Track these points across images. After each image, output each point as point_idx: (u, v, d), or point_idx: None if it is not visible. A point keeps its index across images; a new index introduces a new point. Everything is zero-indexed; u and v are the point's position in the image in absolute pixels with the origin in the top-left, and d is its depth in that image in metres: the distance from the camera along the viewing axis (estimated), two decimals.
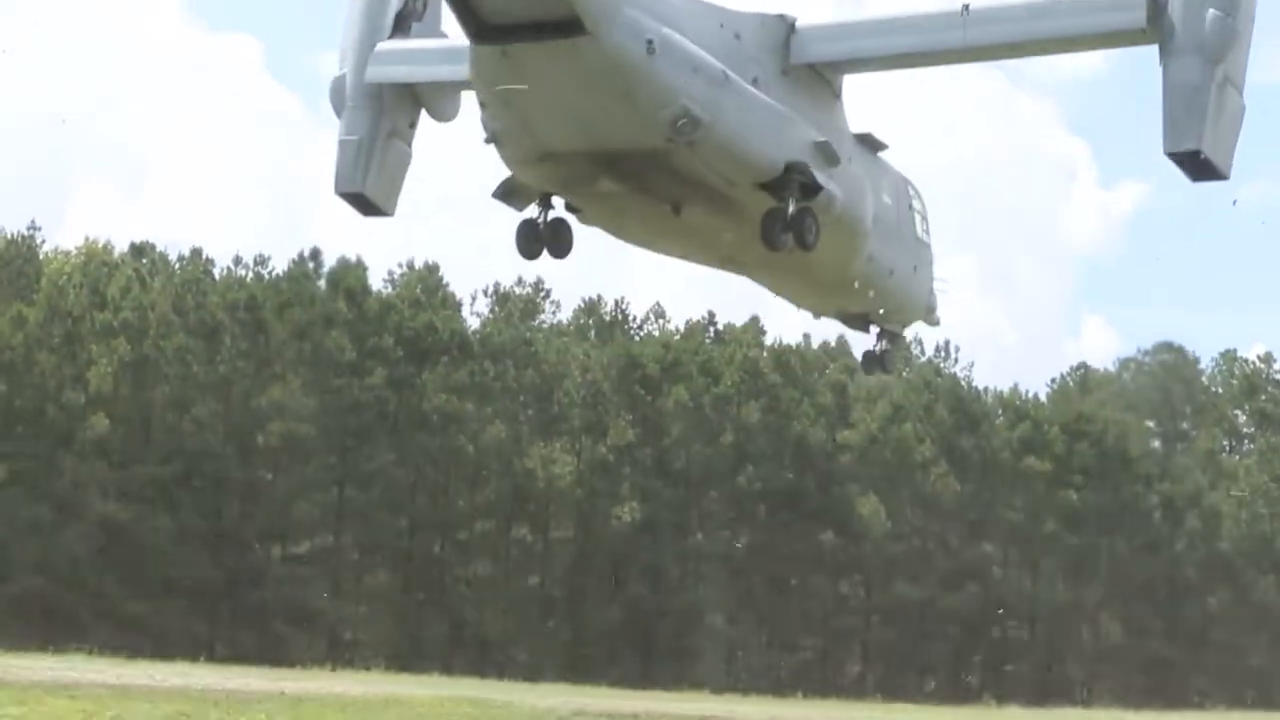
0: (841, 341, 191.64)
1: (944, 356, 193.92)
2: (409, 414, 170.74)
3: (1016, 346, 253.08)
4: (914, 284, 39.11)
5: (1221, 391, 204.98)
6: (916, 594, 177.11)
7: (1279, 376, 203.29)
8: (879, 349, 41.16)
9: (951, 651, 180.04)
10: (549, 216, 34.20)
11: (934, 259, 39.76)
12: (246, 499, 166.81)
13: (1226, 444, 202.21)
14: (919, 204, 38.77)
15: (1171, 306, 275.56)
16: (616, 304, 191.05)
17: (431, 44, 36.70)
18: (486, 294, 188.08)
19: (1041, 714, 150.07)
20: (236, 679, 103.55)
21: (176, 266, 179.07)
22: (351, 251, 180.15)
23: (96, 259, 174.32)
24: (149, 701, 79.29)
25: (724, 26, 32.17)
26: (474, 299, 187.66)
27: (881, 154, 37.08)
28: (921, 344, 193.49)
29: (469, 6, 29.88)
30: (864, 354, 41.28)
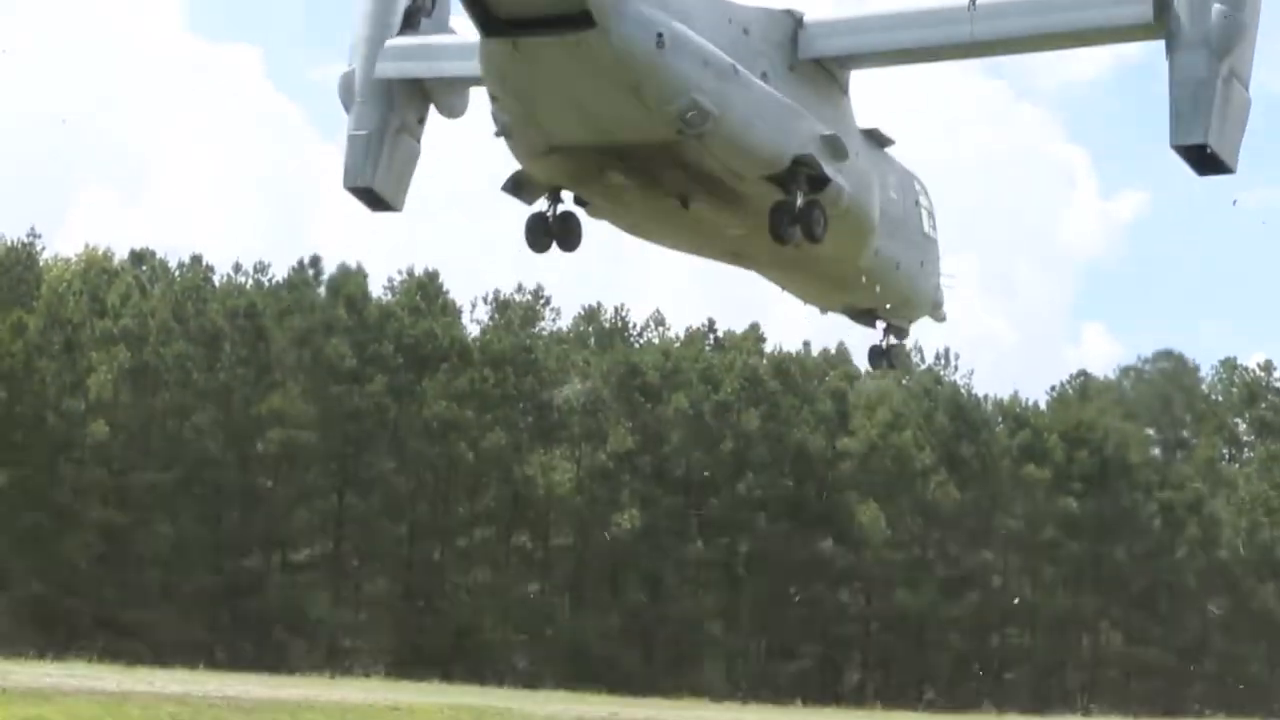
0: (841, 349, 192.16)
1: (944, 364, 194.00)
2: (409, 421, 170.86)
3: (1016, 354, 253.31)
4: (921, 279, 39.29)
5: (1221, 399, 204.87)
6: (916, 601, 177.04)
7: (1279, 384, 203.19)
8: (885, 344, 41.34)
9: (951, 659, 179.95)
10: (558, 210, 34.38)
11: (940, 255, 39.96)
12: (246, 506, 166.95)
13: (1226, 452, 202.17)
14: (925, 200, 38.94)
15: (1172, 314, 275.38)
16: (616, 311, 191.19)
17: (441, 39, 36.85)
18: (486, 301, 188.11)
19: None
20: (236, 686, 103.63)
21: (176, 274, 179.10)
22: (351, 258, 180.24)
23: (96, 266, 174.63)
24: (142, 708, 79.40)
25: (732, 21, 32.30)
26: (474, 306, 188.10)
27: (888, 150, 37.29)
28: (921, 352, 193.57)
29: (480, 1, 29.96)
30: (870, 349, 41.40)
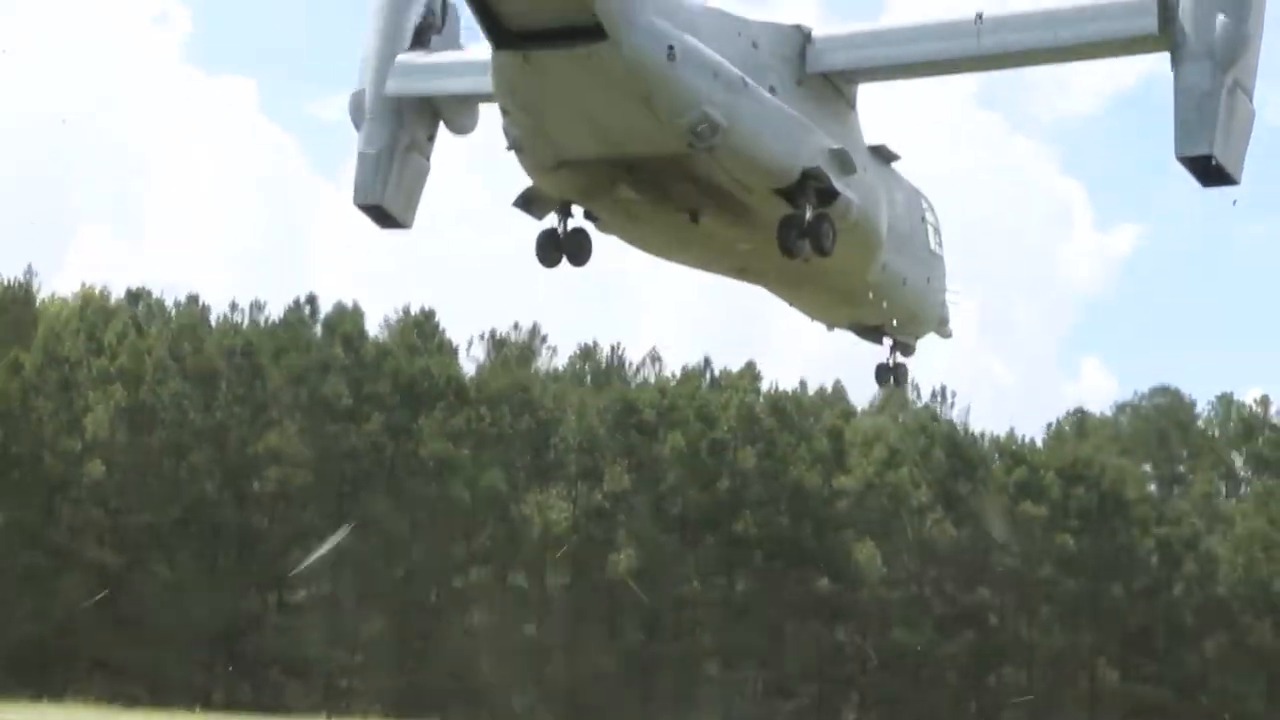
0: (838, 386, 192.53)
1: (940, 401, 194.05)
2: (405, 460, 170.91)
3: (1013, 390, 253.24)
4: (927, 295, 39.39)
5: (1218, 435, 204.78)
6: (913, 640, 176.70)
7: (1276, 420, 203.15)
8: (892, 361, 41.40)
9: (948, 697, 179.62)
10: (568, 226, 34.44)
11: (946, 271, 40.04)
12: (243, 546, 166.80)
13: (1223, 487, 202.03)
14: (932, 216, 39.12)
15: (1168, 349, 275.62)
16: (612, 349, 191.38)
17: (451, 57, 37.22)
18: (483, 339, 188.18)
19: None
20: None
21: (173, 312, 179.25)
22: (348, 296, 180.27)
23: (93, 305, 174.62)
24: None
25: (742, 35, 32.60)
26: (470, 344, 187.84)
27: (895, 166, 37.42)
28: (918, 389, 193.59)
29: (492, 13, 30.25)
30: (877, 367, 41.45)
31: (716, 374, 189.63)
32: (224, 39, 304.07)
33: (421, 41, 37.09)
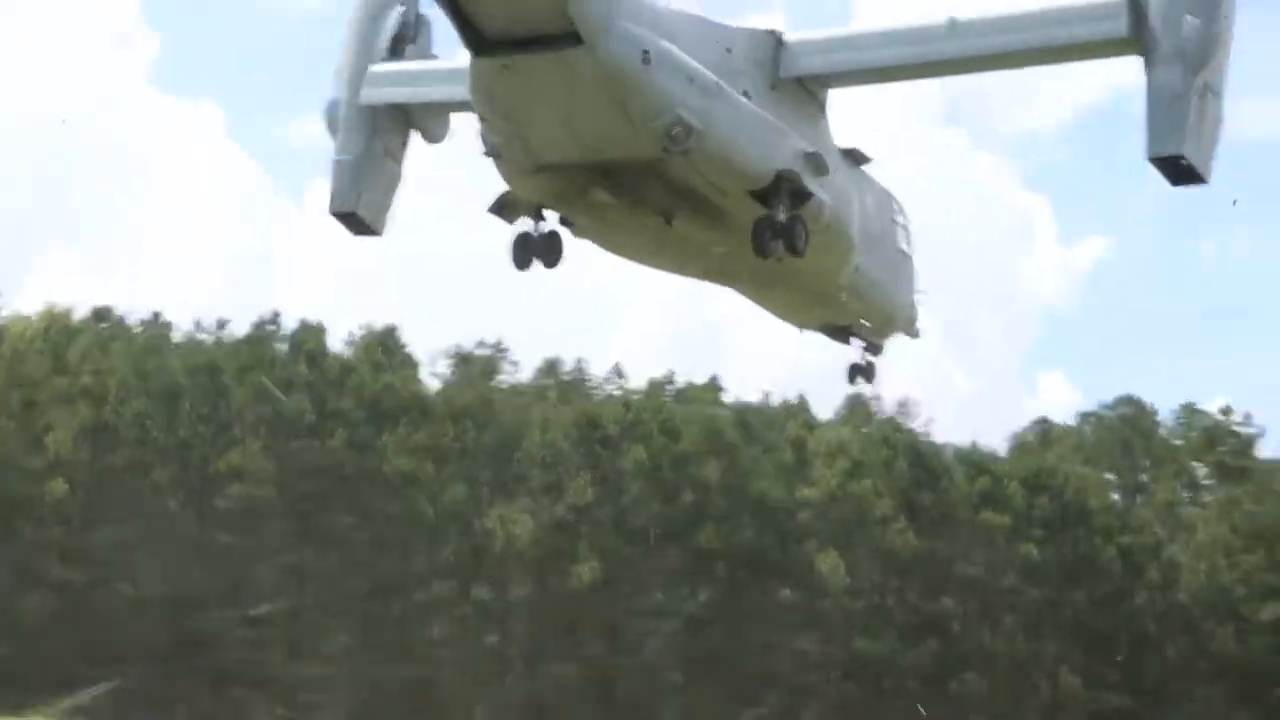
0: (801, 399, 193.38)
1: (903, 412, 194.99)
2: (369, 476, 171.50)
3: (975, 402, 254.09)
4: (897, 295, 39.95)
5: (1181, 444, 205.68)
6: (876, 649, 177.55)
7: (1238, 429, 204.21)
8: (863, 361, 42.01)
9: (911, 706, 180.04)
10: (542, 229, 35.06)
11: (915, 272, 40.68)
12: (206, 562, 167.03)
13: (1185, 496, 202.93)
14: (902, 217, 39.64)
15: (1131, 360, 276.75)
16: (576, 364, 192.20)
17: (425, 66, 37.70)
18: (446, 356, 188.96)
19: None
20: None
21: (137, 331, 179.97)
22: (312, 315, 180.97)
23: (57, 324, 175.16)
24: None
25: (716, 40, 32.99)
26: (434, 360, 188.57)
27: (866, 169, 38.07)
28: (881, 401, 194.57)
29: (469, 21, 30.63)
30: (849, 367, 41.96)
31: (680, 388, 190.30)
32: (189, 63, 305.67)
33: (396, 52, 37.60)
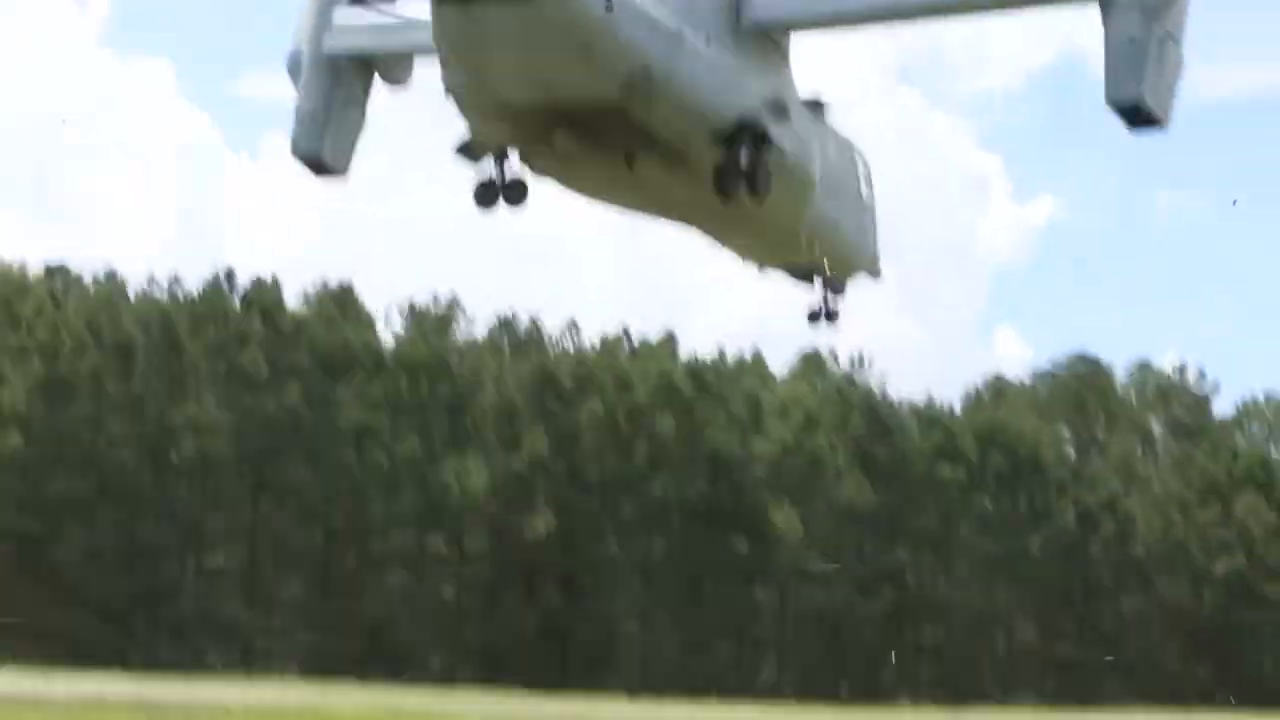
0: (756, 354, 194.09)
1: (858, 367, 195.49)
2: (324, 428, 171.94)
3: (930, 358, 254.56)
4: (858, 238, 40.91)
5: (1135, 401, 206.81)
6: (831, 599, 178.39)
7: (1191, 386, 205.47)
8: (823, 303, 42.89)
9: (866, 655, 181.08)
10: (505, 170, 35.72)
11: (876, 218, 41.64)
12: (161, 514, 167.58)
13: (1140, 451, 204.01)
14: (863, 166, 40.53)
15: (1085, 318, 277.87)
16: (531, 320, 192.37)
17: (387, 12, 37.63)
18: (401, 312, 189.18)
19: (956, 715, 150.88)
20: (154, 689, 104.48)
21: (90, 288, 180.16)
22: (266, 268, 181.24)
23: (10, 281, 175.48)
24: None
25: None
26: (389, 314, 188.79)
27: (826, 118, 38.94)
28: (836, 356, 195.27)
29: None
30: (809, 310, 42.83)
31: (635, 343, 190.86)
32: (140, 21, 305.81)
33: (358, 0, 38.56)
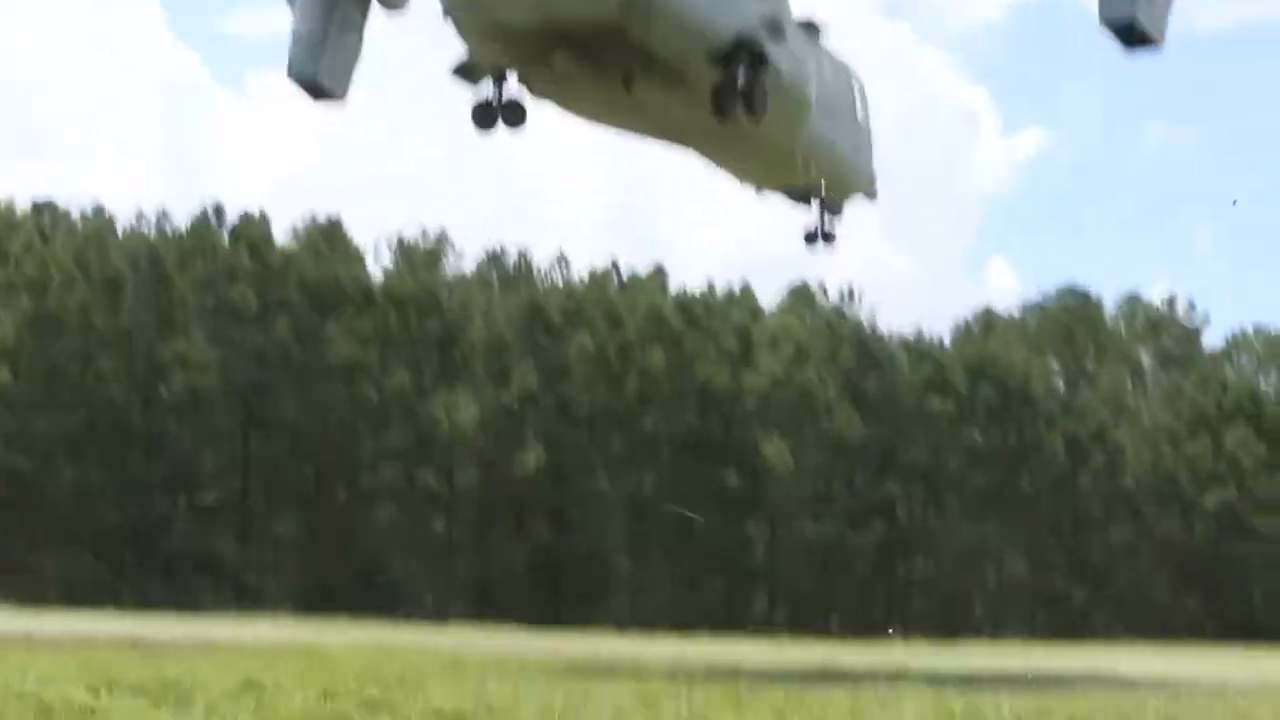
0: (746, 289, 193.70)
1: (848, 300, 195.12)
2: (314, 364, 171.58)
3: (919, 290, 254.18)
4: (854, 158, 40.52)
5: (1125, 334, 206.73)
6: (821, 533, 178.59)
7: (1181, 318, 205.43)
8: (820, 224, 42.49)
9: (857, 588, 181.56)
10: (504, 92, 35.08)
11: (873, 139, 41.13)
12: (151, 449, 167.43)
13: (1129, 383, 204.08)
14: (859, 90, 40.11)
15: (1075, 250, 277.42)
16: (520, 255, 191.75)
17: None
18: (390, 246, 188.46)
19: (946, 647, 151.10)
20: (147, 627, 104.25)
21: (79, 224, 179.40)
22: (254, 207, 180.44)
23: None
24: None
25: None
26: (377, 250, 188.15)
27: (823, 41, 38.34)
28: (825, 290, 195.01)
29: None
30: (806, 233, 42.45)
31: (624, 277, 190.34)
32: None
33: None
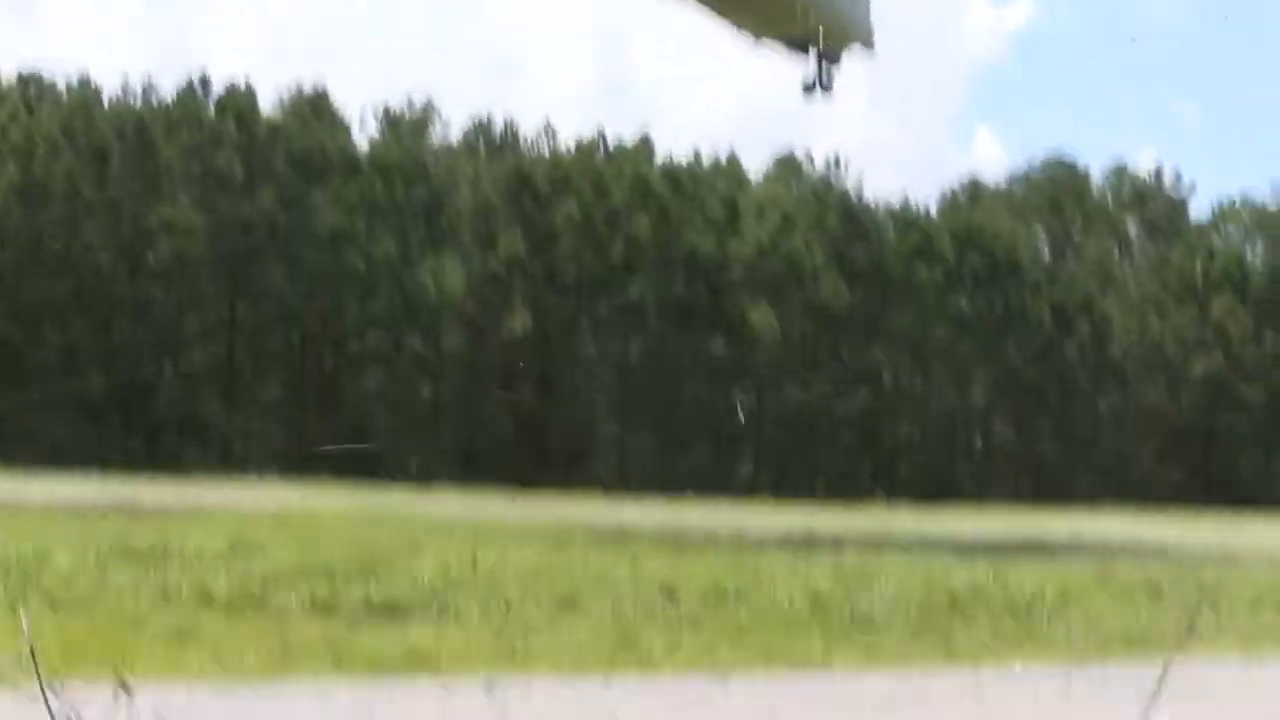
0: (732, 158, 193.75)
1: (834, 169, 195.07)
2: (300, 232, 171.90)
3: (906, 159, 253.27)
4: (853, 9, 40.72)
5: (1111, 204, 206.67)
6: (808, 399, 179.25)
7: (1168, 188, 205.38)
8: (818, 73, 42.77)
9: (842, 454, 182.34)
10: None
11: None
12: (137, 316, 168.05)
13: (1116, 252, 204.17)
14: None
15: (1062, 120, 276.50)
16: (507, 125, 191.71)
17: None
18: (376, 115, 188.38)
19: (932, 512, 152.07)
20: (138, 490, 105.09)
21: (64, 94, 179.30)
22: (239, 77, 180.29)
23: None
24: None
25: None
26: (363, 119, 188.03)
27: None
28: (812, 158, 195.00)
29: None
30: (804, 83, 42.71)
31: (610, 146, 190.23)
32: None
33: None
